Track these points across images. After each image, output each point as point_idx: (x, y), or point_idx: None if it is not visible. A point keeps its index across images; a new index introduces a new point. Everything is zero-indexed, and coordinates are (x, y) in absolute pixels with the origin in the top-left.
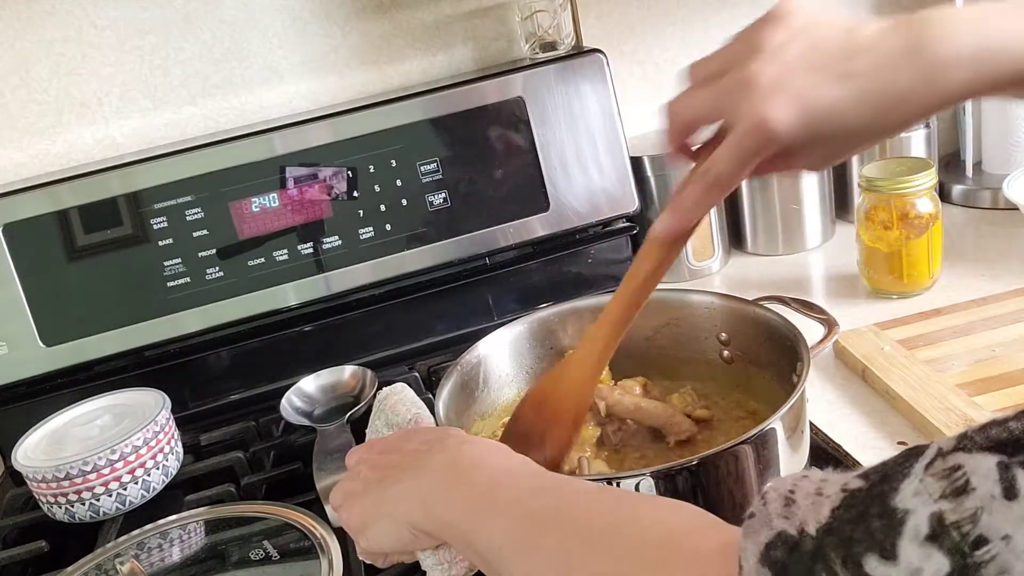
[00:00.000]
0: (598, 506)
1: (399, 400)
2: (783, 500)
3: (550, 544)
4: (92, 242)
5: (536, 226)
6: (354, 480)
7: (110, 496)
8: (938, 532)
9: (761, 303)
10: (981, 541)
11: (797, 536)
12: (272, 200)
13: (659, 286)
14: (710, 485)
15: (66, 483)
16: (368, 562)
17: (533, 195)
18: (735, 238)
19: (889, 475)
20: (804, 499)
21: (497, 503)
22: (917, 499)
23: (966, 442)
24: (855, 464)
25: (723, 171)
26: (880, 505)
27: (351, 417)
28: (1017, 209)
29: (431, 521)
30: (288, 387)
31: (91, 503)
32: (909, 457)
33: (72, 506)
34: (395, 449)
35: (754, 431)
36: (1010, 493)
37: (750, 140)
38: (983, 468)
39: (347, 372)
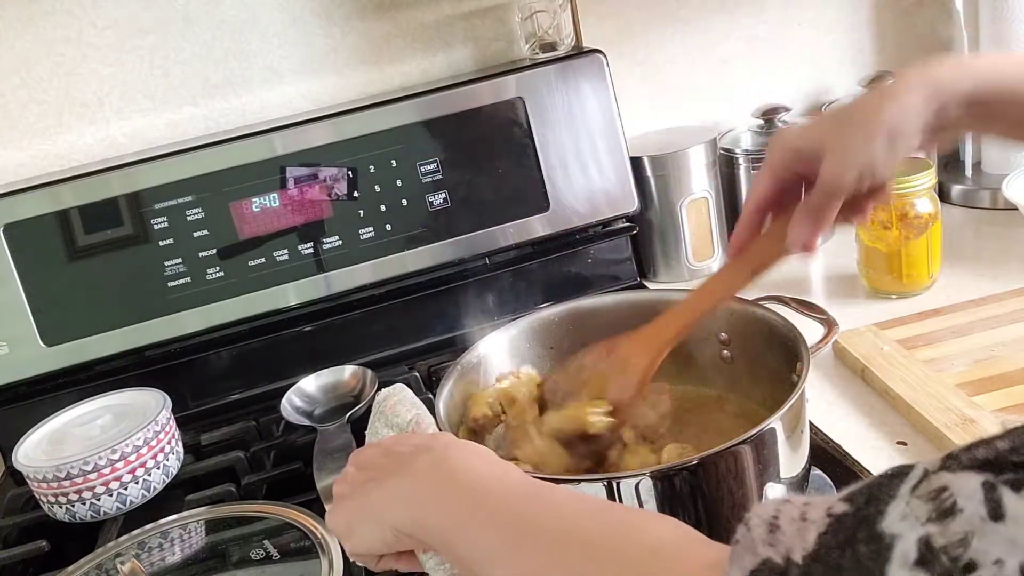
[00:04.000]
0: (583, 516)
1: (398, 401)
2: (767, 526)
3: (532, 552)
4: (92, 242)
5: (536, 226)
6: (342, 483)
7: (111, 496)
8: (928, 558)
9: (761, 303)
10: (971, 566)
11: (783, 564)
12: (272, 200)
13: (658, 286)
14: (710, 485)
15: (67, 483)
16: (361, 564)
17: (533, 195)
18: None
19: (875, 497)
20: (788, 524)
21: (480, 509)
22: (904, 523)
23: (951, 462)
24: (854, 463)
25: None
26: (867, 529)
27: (351, 417)
28: (1017, 209)
29: (414, 524)
30: (288, 387)
31: (92, 503)
32: (894, 478)
33: (73, 506)
34: (384, 452)
35: (754, 431)
36: (996, 514)
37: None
38: (968, 488)
39: (347, 372)
